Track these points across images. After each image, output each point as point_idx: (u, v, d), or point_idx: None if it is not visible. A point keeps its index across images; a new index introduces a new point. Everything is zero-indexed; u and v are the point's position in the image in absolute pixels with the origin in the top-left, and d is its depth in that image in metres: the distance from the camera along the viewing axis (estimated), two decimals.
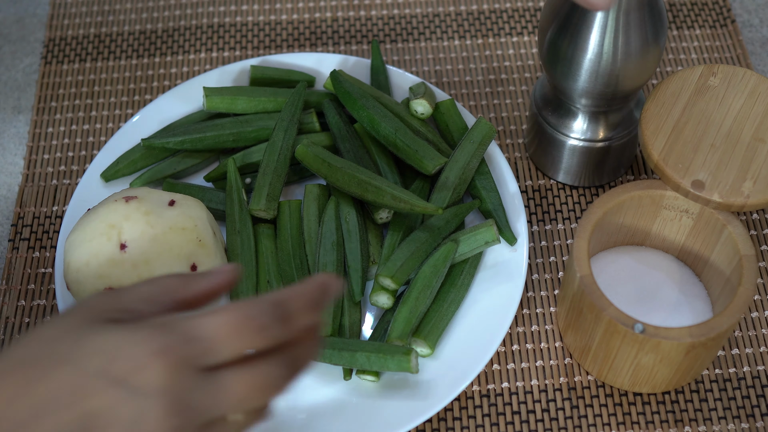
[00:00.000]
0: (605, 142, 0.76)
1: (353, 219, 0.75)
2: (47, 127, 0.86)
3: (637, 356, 0.65)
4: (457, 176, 0.75)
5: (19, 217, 0.81)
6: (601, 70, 0.69)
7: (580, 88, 0.71)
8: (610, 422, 0.70)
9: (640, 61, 0.69)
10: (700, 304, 0.72)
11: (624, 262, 0.74)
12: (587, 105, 0.73)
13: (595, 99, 0.72)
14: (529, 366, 0.72)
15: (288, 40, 0.92)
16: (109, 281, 0.68)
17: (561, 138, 0.77)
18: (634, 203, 0.70)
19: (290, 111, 0.79)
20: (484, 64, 0.89)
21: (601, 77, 0.70)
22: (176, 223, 0.69)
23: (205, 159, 0.81)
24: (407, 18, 0.93)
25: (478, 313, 0.72)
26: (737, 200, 0.66)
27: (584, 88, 0.71)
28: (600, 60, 0.68)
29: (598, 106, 0.73)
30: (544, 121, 0.77)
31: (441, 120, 0.81)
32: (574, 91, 0.72)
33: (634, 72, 0.70)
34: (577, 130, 0.76)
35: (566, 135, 0.76)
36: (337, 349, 0.69)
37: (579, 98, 0.73)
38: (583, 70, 0.70)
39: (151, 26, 0.93)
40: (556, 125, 0.76)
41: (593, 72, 0.69)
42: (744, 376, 0.72)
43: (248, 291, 0.73)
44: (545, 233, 0.79)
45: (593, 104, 0.73)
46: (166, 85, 0.89)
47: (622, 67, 0.69)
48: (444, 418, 0.70)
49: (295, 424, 0.68)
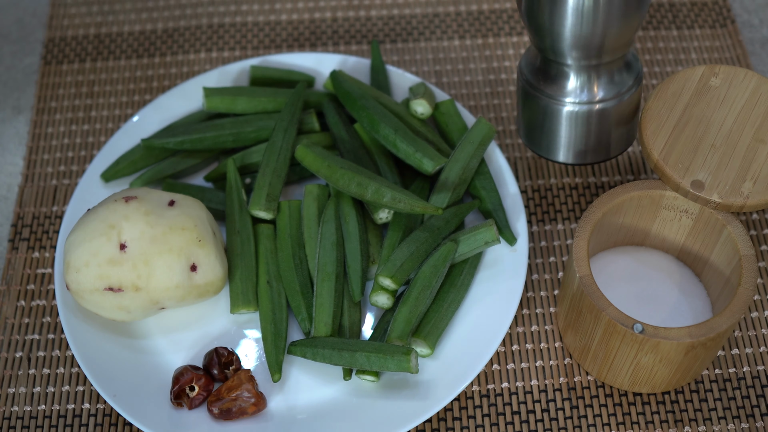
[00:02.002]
0: (603, 103, 0.72)
1: (353, 219, 0.75)
2: (47, 127, 0.86)
3: (637, 356, 0.65)
4: (457, 176, 0.75)
5: (19, 217, 0.81)
6: (586, 10, 0.66)
7: (566, 36, 0.68)
8: (609, 422, 0.70)
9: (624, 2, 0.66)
10: (699, 304, 0.72)
11: (624, 262, 0.74)
12: (577, 58, 0.70)
13: (584, 48, 0.69)
14: (529, 366, 0.72)
15: (288, 40, 0.92)
16: (108, 281, 0.68)
17: (556, 106, 0.73)
18: (633, 203, 0.70)
19: (290, 111, 0.79)
20: (484, 64, 0.89)
21: (586, 18, 0.66)
22: (176, 223, 0.69)
23: (205, 159, 0.81)
24: (407, 18, 0.93)
25: (478, 313, 0.72)
26: (737, 200, 0.66)
27: (571, 33, 0.68)
28: (583, 2, 0.66)
29: (588, 57, 0.70)
30: (535, 91, 0.73)
31: (441, 120, 0.81)
32: (561, 41, 0.69)
33: (620, 11, 0.66)
34: (571, 91, 0.72)
35: (561, 100, 0.72)
36: (337, 349, 0.69)
37: (569, 51, 0.69)
38: (569, 14, 0.66)
39: (151, 26, 0.93)
40: (549, 92, 0.73)
41: (578, 14, 0.66)
42: (744, 376, 0.72)
43: (248, 291, 0.73)
44: (545, 233, 0.79)
45: (583, 55, 0.70)
46: (166, 85, 0.89)
47: (606, 6, 0.66)
48: (444, 418, 0.70)
49: (295, 424, 0.68)
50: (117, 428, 0.71)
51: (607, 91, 0.72)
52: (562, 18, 0.67)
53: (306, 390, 0.70)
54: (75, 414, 0.71)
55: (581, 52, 0.69)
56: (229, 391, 0.69)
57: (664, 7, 0.92)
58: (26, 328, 0.75)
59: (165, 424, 0.68)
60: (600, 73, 0.72)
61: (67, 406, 0.72)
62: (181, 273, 0.69)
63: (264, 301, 0.73)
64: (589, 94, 0.72)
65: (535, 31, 0.70)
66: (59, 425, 0.71)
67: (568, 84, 0.72)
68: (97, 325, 0.72)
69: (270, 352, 0.71)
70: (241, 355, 0.72)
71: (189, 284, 0.69)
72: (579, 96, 0.72)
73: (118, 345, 0.72)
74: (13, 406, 0.72)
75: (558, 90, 0.73)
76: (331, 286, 0.72)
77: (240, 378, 0.69)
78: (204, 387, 0.69)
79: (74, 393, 0.72)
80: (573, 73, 0.72)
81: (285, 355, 0.72)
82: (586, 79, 0.72)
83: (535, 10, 0.68)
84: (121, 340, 0.72)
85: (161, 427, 0.68)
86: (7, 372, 0.73)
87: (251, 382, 0.69)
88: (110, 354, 0.71)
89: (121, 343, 0.72)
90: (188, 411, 0.69)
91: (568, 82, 0.72)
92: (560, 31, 0.68)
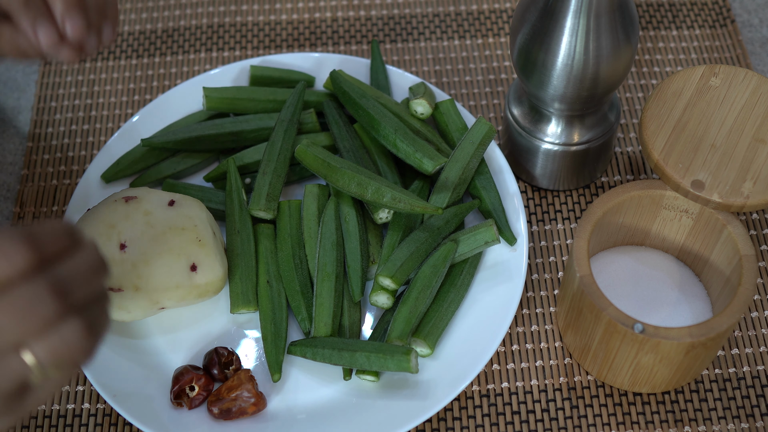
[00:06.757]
0: (580, 145, 0.76)
1: (353, 219, 0.75)
2: (47, 127, 0.86)
3: (637, 356, 0.65)
4: (457, 176, 0.75)
5: (19, 217, 0.81)
6: (574, 75, 0.69)
7: (552, 93, 0.71)
8: (609, 422, 0.70)
9: (612, 64, 0.69)
10: (699, 304, 0.72)
11: (624, 262, 0.74)
12: (561, 109, 0.73)
13: (569, 103, 0.72)
14: (529, 366, 0.72)
15: (288, 40, 0.92)
16: (108, 281, 0.68)
17: (535, 143, 0.76)
18: (633, 203, 0.70)
19: (290, 111, 0.79)
20: (484, 64, 0.89)
21: (573, 81, 0.69)
22: (176, 223, 0.69)
23: (205, 159, 0.81)
24: (407, 18, 0.93)
25: (478, 313, 0.72)
26: (737, 200, 0.66)
27: (557, 92, 0.71)
28: (572, 64, 0.68)
29: (572, 109, 0.73)
30: (518, 126, 0.77)
31: (441, 120, 0.81)
32: (547, 95, 0.72)
33: (607, 75, 0.69)
34: (551, 134, 0.76)
35: (540, 140, 0.76)
36: (337, 349, 0.69)
37: (552, 102, 0.72)
38: (556, 75, 0.69)
39: (151, 26, 0.93)
40: (530, 130, 0.76)
41: (566, 76, 0.69)
42: (744, 376, 0.72)
43: (248, 291, 0.73)
44: (545, 233, 0.79)
45: (567, 108, 0.73)
46: (166, 85, 0.89)
47: (594, 71, 0.69)
48: (444, 418, 0.70)
49: (295, 424, 0.68)
50: (117, 428, 0.71)
51: (588, 135, 0.76)
52: (549, 79, 0.71)
53: (306, 390, 0.70)
54: (75, 414, 0.71)
55: (565, 105, 0.73)
56: (229, 391, 0.69)
57: (664, 7, 0.92)
58: None
59: (165, 424, 0.68)
60: (583, 119, 0.76)
61: (67, 406, 0.72)
62: (181, 273, 0.69)
63: (264, 301, 0.73)
64: (568, 138, 0.76)
65: (524, 82, 0.73)
66: (59, 425, 0.71)
67: (548, 128, 0.76)
68: None
69: (270, 352, 0.71)
70: (241, 355, 0.72)
71: (189, 284, 0.69)
72: (558, 138, 0.76)
73: (118, 345, 0.72)
74: None
75: (539, 130, 0.76)
76: (331, 286, 0.72)
77: (240, 378, 0.69)
78: (204, 387, 0.69)
79: (74, 393, 0.72)
80: (555, 118, 0.76)
81: (285, 355, 0.72)
82: (568, 124, 0.76)
83: (525, 66, 0.71)
84: (121, 340, 0.72)
85: (161, 427, 0.68)
86: None
87: (251, 382, 0.69)
88: (110, 354, 0.71)
89: (121, 343, 0.72)
90: (188, 411, 0.69)
91: (549, 127, 0.76)
92: (547, 90, 0.72)
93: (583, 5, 0.66)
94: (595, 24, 0.67)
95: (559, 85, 0.70)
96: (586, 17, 0.67)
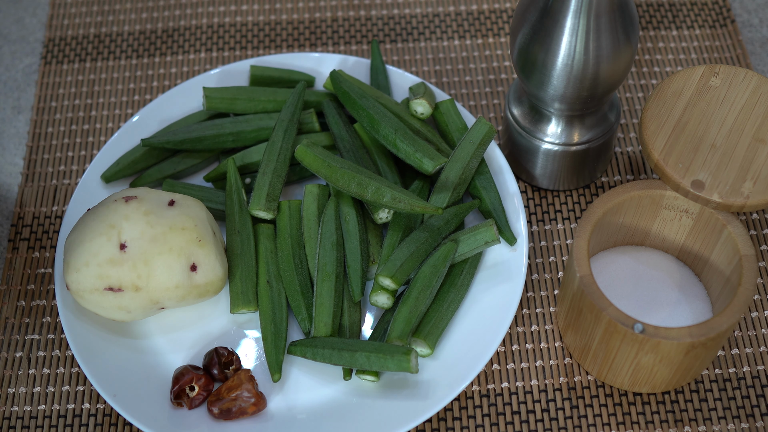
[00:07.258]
0: (580, 145, 0.76)
1: (353, 219, 0.75)
2: (47, 127, 0.86)
3: (637, 356, 0.65)
4: (457, 176, 0.75)
5: (19, 217, 0.81)
6: (574, 75, 0.69)
7: (552, 93, 0.71)
8: (609, 422, 0.70)
9: (612, 64, 0.69)
10: (700, 304, 0.72)
11: (624, 262, 0.74)
12: (561, 109, 0.73)
13: (569, 103, 0.72)
14: (529, 366, 0.72)
15: (288, 40, 0.92)
16: (108, 281, 0.68)
17: (535, 143, 0.76)
18: (633, 203, 0.70)
19: (290, 111, 0.79)
20: (484, 64, 0.89)
21: (573, 81, 0.69)
22: (176, 223, 0.69)
23: (205, 159, 0.81)
24: (407, 18, 0.93)
25: (478, 313, 0.72)
26: (737, 200, 0.66)
27: (557, 92, 0.71)
28: (572, 64, 0.68)
29: (572, 109, 0.73)
30: (518, 126, 0.77)
31: (441, 120, 0.81)
32: (547, 95, 0.72)
33: (607, 75, 0.69)
34: (551, 134, 0.76)
35: (540, 140, 0.76)
36: (337, 349, 0.69)
37: (552, 102, 0.73)
38: (556, 75, 0.69)
39: (151, 26, 0.93)
40: (530, 130, 0.76)
41: (566, 76, 0.69)
42: (744, 376, 0.72)
43: (248, 291, 0.73)
44: (545, 233, 0.79)
45: (567, 108, 0.73)
46: (166, 85, 0.89)
47: (594, 71, 0.69)
48: (444, 418, 0.70)
49: (295, 424, 0.68)
50: (117, 428, 0.71)
51: (588, 135, 0.76)
52: (549, 79, 0.71)
53: (306, 390, 0.70)
54: (75, 414, 0.71)
55: (565, 105, 0.72)
56: (229, 391, 0.69)
57: (664, 7, 0.92)
58: (26, 328, 0.75)
59: (165, 424, 0.68)
60: (583, 119, 0.76)
61: (67, 406, 0.72)
62: (181, 273, 0.69)
63: (264, 301, 0.73)
64: (568, 138, 0.76)
65: (524, 82, 0.73)
66: (59, 425, 0.71)
67: (548, 128, 0.76)
68: (97, 325, 0.72)
69: (270, 352, 0.71)
70: (241, 355, 0.72)
71: (189, 284, 0.69)
72: (558, 138, 0.76)
73: (118, 345, 0.72)
74: (13, 406, 0.72)
75: (539, 130, 0.76)
76: (331, 286, 0.72)
77: (240, 378, 0.69)
78: (204, 387, 0.69)
79: (74, 393, 0.72)
80: (555, 118, 0.75)
81: (285, 355, 0.72)
82: (568, 124, 0.76)
83: (524, 67, 0.71)
84: (121, 340, 0.72)
85: (161, 427, 0.68)
86: (7, 372, 0.73)
87: (251, 382, 0.69)
88: (110, 354, 0.71)
89: (121, 343, 0.72)
90: (188, 411, 0.69)
91: (549, 127, 0.76)
92: (547, 90, 0.72)
93: (583, 5, 0.66)
94: (595, 24, 0.67)
95: (559, 85, 0.70)
96: (586, 17, 0.67)
